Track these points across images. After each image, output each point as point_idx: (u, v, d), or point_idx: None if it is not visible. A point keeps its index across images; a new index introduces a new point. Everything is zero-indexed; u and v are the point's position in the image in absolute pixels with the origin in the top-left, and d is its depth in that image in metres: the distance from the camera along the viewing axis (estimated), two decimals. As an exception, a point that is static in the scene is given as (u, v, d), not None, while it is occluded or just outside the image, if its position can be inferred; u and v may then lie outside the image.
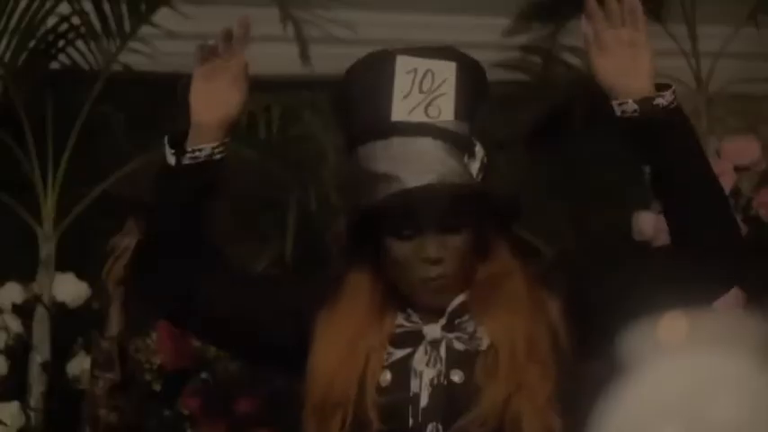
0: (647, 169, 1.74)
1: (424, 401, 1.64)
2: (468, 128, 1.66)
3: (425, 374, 1.65)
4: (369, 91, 1.66)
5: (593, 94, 3.64)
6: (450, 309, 1.68)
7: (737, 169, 3.15)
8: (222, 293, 1.71)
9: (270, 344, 1.73)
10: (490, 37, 3.67)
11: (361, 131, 1.65)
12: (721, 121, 3.71)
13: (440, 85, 1.64)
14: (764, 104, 3.91)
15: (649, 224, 3.20)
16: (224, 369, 2.58)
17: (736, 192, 3.16)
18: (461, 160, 1.64)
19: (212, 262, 1.71)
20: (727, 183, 3.14)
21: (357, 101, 1.68)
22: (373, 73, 1.67)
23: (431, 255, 1.63)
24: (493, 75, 3.58)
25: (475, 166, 1.65)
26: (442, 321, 1.68)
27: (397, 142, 1.62)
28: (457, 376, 1.65)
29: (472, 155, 1.66)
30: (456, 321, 1.69)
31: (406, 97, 1.62)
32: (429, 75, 1.64)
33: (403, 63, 1.64)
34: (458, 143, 1.64)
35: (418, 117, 1.63)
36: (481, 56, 3.56)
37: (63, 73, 3.26)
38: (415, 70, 1.64)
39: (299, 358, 1.67)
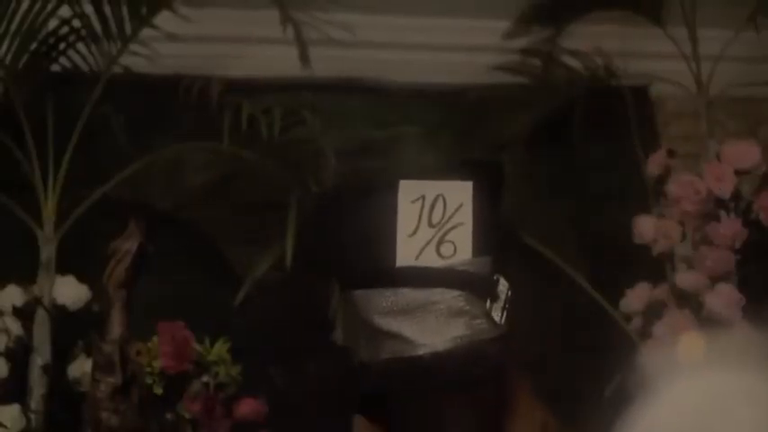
0: None
1: None
2: (491, 260, 1.35)
3: None
4: (367, 229, 1.35)
5: (593, 97, 3.68)
6: None
7: (738, 172, 3.15)
8: None
9: None
10: (490, 40, 3.67)
11: (359, 278, 1.35)
12: (721, 124, 3.71)
13: (453, 214, 1.34)
14: (765, 107, 3.91)
15: (650, 228, 3.20)
16: (225, 372, 2.58)
17: (736, 195, 3.16)
18: (483, 308, 1.34)
19: None
20: (727, 186, 3.14)
21: (352, 242, 1.36)
22: (371, 206, 1.36)
23: None
24: (493, 78, 3.63)
25: (498, 308, 1.35)
26: None
27: (403, 294, 1.33)
28: None
29: (495, 298, 1.35)
30: None
31: (411, 235, 1.33)
32: (440, 201, 1.34)
33: (407, 190, 1.34)
34: (479, 289, 1.33)
35: (428, 260, 1.33)
36: (481, 59, 3.63)
37: (64, 75, 3.26)
38: (423, 198, 1.34)
39: None
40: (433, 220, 1.33)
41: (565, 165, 3.70)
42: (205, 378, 2.60)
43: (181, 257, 3.30)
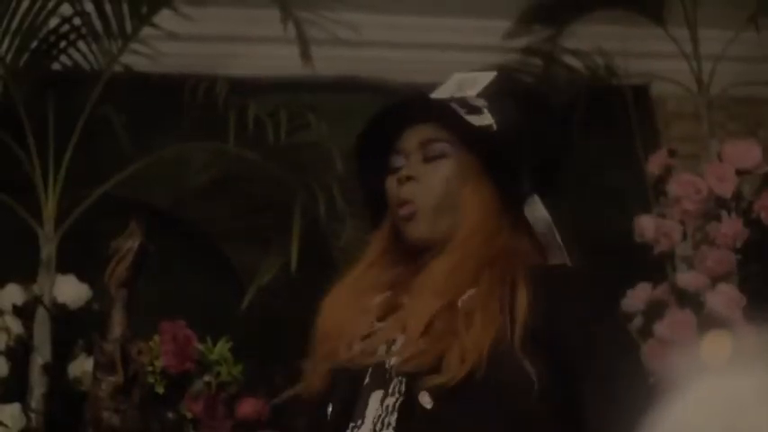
0: None
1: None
2: (486, 104, 1.70)
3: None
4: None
5: (593, 97, 3.68)
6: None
7: (739, 172, 3.15)
8: None
9: None
10: (491, 40, 3.67)
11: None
12: (722, 124, 3.71)
13: (473, 87, 1.72)
14: (765, 108, 3.91)
15: (650, 228, 3.19)
16: (227, 372, 2.57)
17: (737, 195, 3.16)
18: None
19: None
20: (728, 186, 3.14)
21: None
22: None
23: (402, 173, 1.66)
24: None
25: (473, 120, 1.68)
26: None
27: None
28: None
29: (473, 112, 1.70)
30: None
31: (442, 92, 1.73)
32: (472, 81, 1.73)
33: (456, 77, 1.76)
34: (461, 103, 1.69)
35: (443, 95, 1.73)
36: (483, 58, 3.62)
37: (64, 74, 3.25)
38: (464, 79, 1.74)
39: None
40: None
41: (567, 165, 3.69)
42: (207, 377, 2.59)
43: (182, 257, 3.30)
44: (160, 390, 2.56)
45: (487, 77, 1.71)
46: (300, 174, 2.84)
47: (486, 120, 1.67)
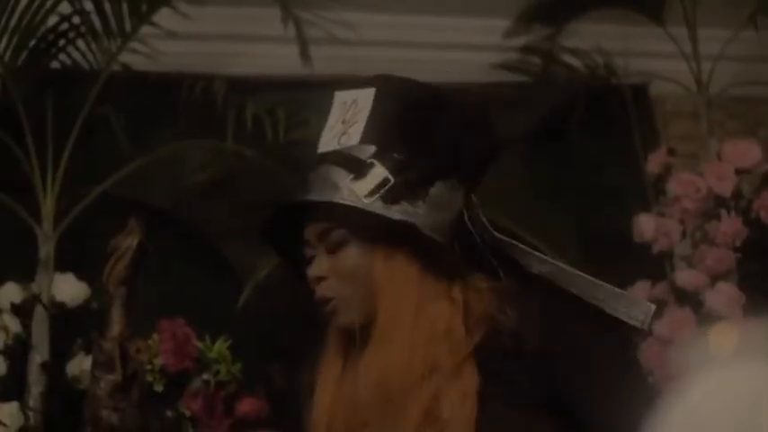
0: None
1: None
2: (375, 150, 1.61)
3: None
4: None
5: (593, 96, 3.68)
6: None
7: (738, 171, 3.15)
8: None
9: None
10: (490, 38, 3.67)
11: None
12: (721, 123, 3.71)
13: (357, 113, 1.64)
14: (764, 107, 3.91)
15: (650, 227, 3.19)
16: (226, 370, 2.57)
17: (736, 194, 3.16)
18: (347, 182, 1.61)
19: None
20: (727, 185, 3.14)
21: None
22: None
23: (312, 272, 1.63)
24: (493, 76, 3.62)
25: (364, 187, 1.60)
26: None
27: (314, 173, 1.66)
28: None
29: (361, 175, 1.60)
30: None
31: (331, 129, 1.66)
32: (353, 104, 1.65)
33: (339, 97, 1.67)
34: (348, 166, 1.61)
35: (331, 146, 1.64)
36: (482, 57, 3.62)
37: (63, 72, 3.24)
38: (345, 102, 1.66)
39: None
40: (346, 118, 1.64)
41: (565, 163, 3.69)
42: (206, 376, 2.59)
43: (180, 256, 3.29)
44: (159, 388, 2.55)
45: (367, 97, 1.63)
46: (298, 172, 2.82)
47: (377, 175, 1.59)
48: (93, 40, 3.20)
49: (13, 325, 2.98)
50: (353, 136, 1.62)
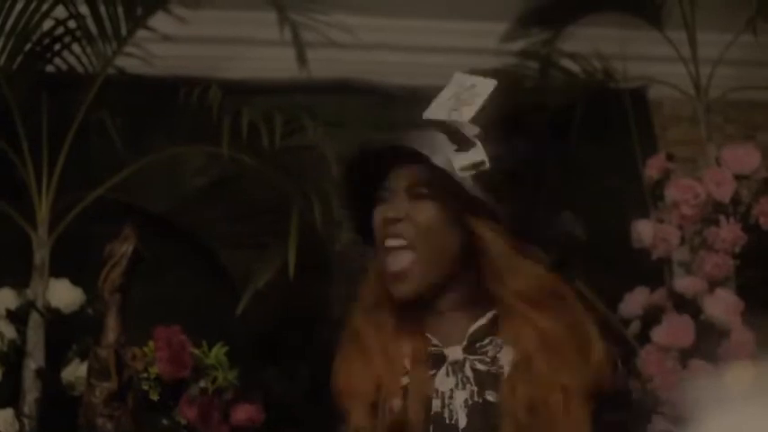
0: None
1: (462, 422, 1.62)
2: (480, 132, 1.68)
3: (457, 396, 1.64)
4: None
5: (591, 100, 3.65)
6: (471, 330, 1.67)
7: (737, 177, 3.13)
8: None
9: None
10: (487, 42, 3.65)
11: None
12: (720, 127, 3.69)
13: (473, 96, 1.69)
14: (762, 112, 3.90)
15: (648, 232, 3.17)
16: (223, 377, 2.54)
17: (735, 200, 3.14)
18: (448, 150, 1.67)
19: None
20: (726, 191, 3.12)
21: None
22: None
23: (388, 213, 1.66)
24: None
25: (462, 161, 1.67)
26: (464, 343, 1.67)
27: (416, 132, 1.69)
28: (491, 396, 1.63)
29: (463, 150, 1.67)
30: (477, 344, 1.67)
31: (442, 102, 1.69)
32: (471, 87, 1.70)
33: (458, 77, 1.71)
34: (453, 137, 1.67)
35: (439, 116, 1.68)
36: (478, 61, 3.59)
37: (59, 76, 3.21)
38: (463, 84, 1.70)
39: None
40: (462, 97, 1.67)
41: (563, 168, 3.67)
42: (203, 383, 2.57)
43: (177, 262, 3.27)
44: (155, 396, 2.53)
45: (487, 86, 1.68)
46: (296, 177, 2.81)
47: (476, 155, 1.65)
48: (89, 44, 3.19)
49: (8, 331, 2.96)
50: (465, 115, 1.66)
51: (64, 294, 2.99)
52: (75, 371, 2.87)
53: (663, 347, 3.00)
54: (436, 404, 1.63)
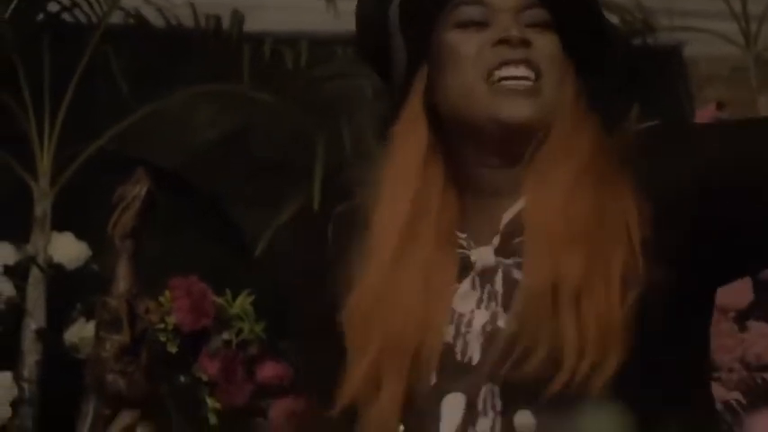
0: None
1: (476, 358, 1.22)
2: None
3: (476, 319, 1.23)
4: None
5: (629, 54, 3.47)
6: (505, 221, 1.25)
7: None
8: None
9: None
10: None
11: None
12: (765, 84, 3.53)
13: None
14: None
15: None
16: (249, 329, 2.32)
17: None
18: None
19: None
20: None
21: None
22: None
23: (512, 33, 1.23)
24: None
25: None
26: (496, 241, 1.25)
27: None
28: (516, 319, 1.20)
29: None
30: (514, 241, 1.24)
31: None
32: None
33: None
34: None
35: None
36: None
37: (61, 19, 3.03)
38: None
39: None
40: None
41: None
42: (226, 335, 2.34)
43: (187, 218, 3.09)
44: (173, 349, 2.31)
45: None
46: (325, 111, 2.59)
47: None
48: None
49: (6, 288, 2.79)
50: None
51: (67, 249, 2.83)
52: (80, 331, 2.69)
53: (718, 308, 2.79)
54: (449, 332, 1.23)
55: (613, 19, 3.45)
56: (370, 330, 1.25)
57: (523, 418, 1.20)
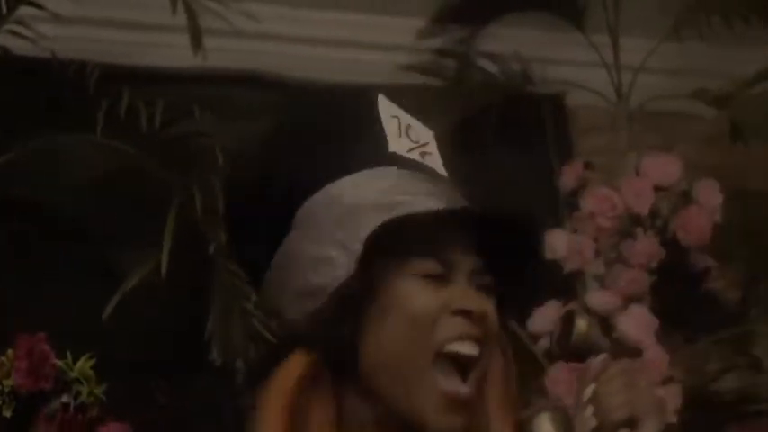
0: None
1: None
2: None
3: None
4: (354, 122, 1.33)
5: (508, 104, 3.53)
6: None
7: (657, 189, 3.03)
8: None
9: None
10: (403, 38, 3.50)
11: (340, 163, 1.28)
12: (640, 137, 3.59)
13: (425, 144, 1.34)
14: (684, 123, 3.81)
15: (562, 243, 3.06)
16: (88, 391, 2.32)
17: (654, 212, 3.04)
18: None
19: None
20: (645, 203, 3.02)
21: (339, 130, 1.32)
22: (351, 107, 1.37)
23: (473, 306, 1.20)
24: (405, 78, 3.45)
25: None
26: None
27: (397, 172, 1.28)
28: None
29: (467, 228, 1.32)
30: None
31: (399, 137, 1.32)
32: (412, 130, 1.34)
33: (386, 105, 1.34)
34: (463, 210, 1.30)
35: (417, 158, 1.31)
36: (392, 58, 3.44)
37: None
38: (399, 118, 1.34)
39: None
40: (411, 137, 1.33)
41: (477, 173, 3.53)
42: (65, 398, 2.33)
43: (58, 261, 3.06)
44: (8, 413, 2.29)
45: (428, 136, 1.34)
46: (180, 170, 2.59)
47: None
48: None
49: None
50: (437, 164, 1.33)
51: None
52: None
53: (573, 366, 2.85)
54: None
55: (492, 68, 3.51)
56: None
57: None
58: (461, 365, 1.21)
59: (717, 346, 3.36)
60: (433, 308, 1.21)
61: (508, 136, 3.50)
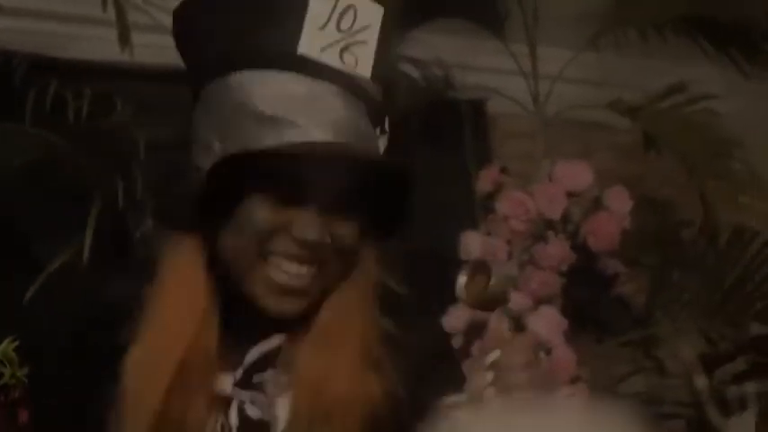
0: None
1: None
2: (381, 95, 1.31)
3: None
4: (269, 3, 1.23)
5: (429, 108, 3.58)
6: (250, 358, 1.27)
7: (569, 195, 3.10)
8: None
9: None
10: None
11: (246, 53, 1.23)
12: (556, 145, 3.67)
13: (361, 30, 1.25)
14: (600, 132, 3.90)
15: (476, 244, 3.12)
16: (10, 374, 2.33)
17: (565, 218, 3.11)
18: (373, 131, 1.29)
19: None
20: (557, 208, 3.08)
21: (247, 11, 1.25)
22: None
23: (308, 236, 1.24)
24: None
25: (383, 146, 1.34)
26: (238, 373, 1.27)
27: (296, 80, 1.22)
28: None
29: (383, 131, 1.34)
30: (254, 378, 1.28)
31: (320, 29, 1.23)
32: (350, 12, 1.25)
33: None
34: (372, 109, 1.28)
35: (330, 59, 1.23)
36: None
37: None
38: (336, 1, 1.25)
39: None
40: (342, 26, 1.24)
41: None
42: (-22, 382, 2.35)
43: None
44: None
45: (373, 14, 1.27)
46: (103, 162, 2.63)
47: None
48: None
49: None
50: (363, 62, 1.25)
51: None
52: None
53: (483, 363, 2.93)
54: None
55: (415, 73, 3.56)
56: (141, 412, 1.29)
57: None
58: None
59: (624, 349, 3.43)
60: (267, 228, 1.25)
61: (429, 139, 3.55)
